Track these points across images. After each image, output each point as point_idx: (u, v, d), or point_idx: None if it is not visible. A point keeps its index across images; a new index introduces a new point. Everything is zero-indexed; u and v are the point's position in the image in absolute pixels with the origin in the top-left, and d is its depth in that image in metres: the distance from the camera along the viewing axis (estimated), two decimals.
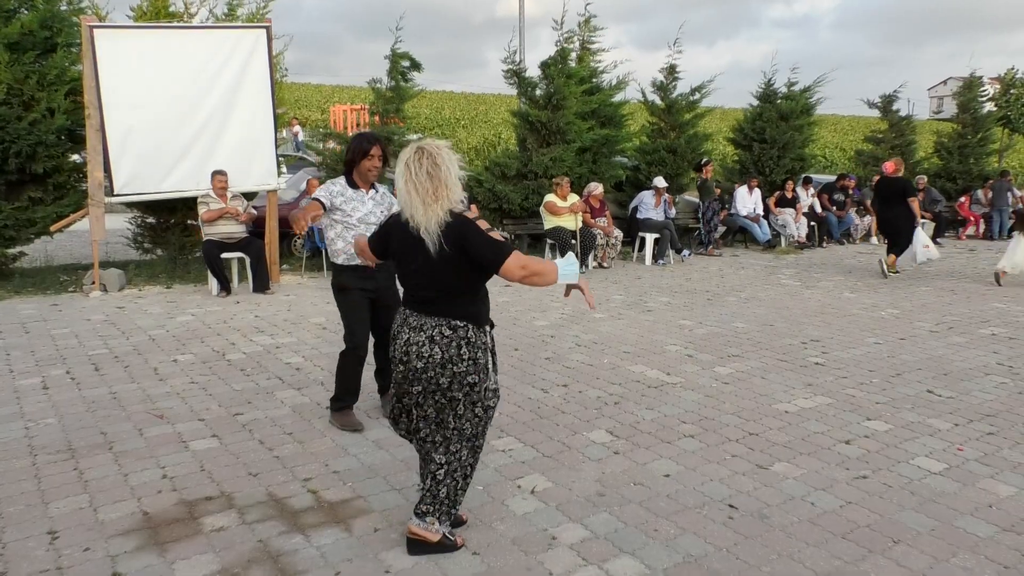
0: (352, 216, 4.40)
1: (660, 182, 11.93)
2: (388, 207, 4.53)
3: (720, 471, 4.03)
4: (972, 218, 15.73)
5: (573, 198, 11.01)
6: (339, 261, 4.47)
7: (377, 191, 4.55)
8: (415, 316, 3.04)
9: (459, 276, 2.98)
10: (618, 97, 13.46)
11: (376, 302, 4.52)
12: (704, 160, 13.10)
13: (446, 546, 3.14)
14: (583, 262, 10.81)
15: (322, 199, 4.33)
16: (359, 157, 4.39)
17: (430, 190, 2.86)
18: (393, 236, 3.10)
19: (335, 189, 4.40)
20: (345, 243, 4.39)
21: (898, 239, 10.40)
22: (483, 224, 3.02)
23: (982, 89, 17.38)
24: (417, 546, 3.13)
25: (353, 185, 4.46)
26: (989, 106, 18.25)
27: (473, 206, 11.25)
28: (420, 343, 3.00)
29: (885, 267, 10.55)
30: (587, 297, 3.09)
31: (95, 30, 8.35)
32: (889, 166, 10.54)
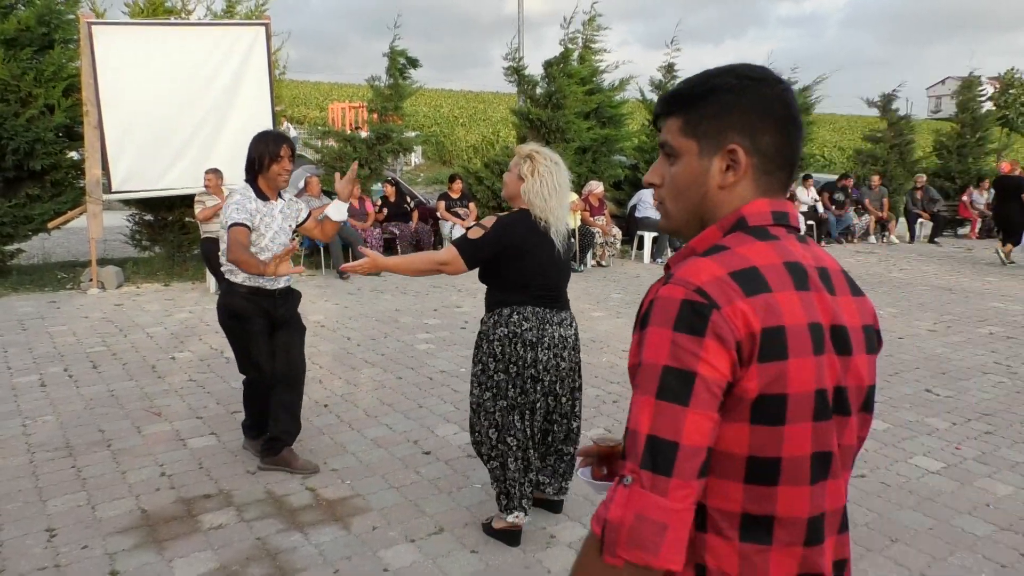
0: (265, 235, 3.72)
1: None
2: (296, 216, 3.94)
3: None
4: (971, 217, 15.73)
5: (572, 197, 10.99)
6: (238, 280, 3.74)
7: (283, 199, 3.88)
8: (553, 312, 3.23)
9: (568, 272, 3.37)
10: (618, 97, 13.45)
11: (273, 330, 3.88)
12: None
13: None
14: (581, 260, 10.82)
15: (246, 222, 3.60)
16: (268, 162, 3.68)
17: (564, 195, 3.18)
18: (520, 239, 3.15)
19: (252, 207, 3.66)
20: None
21: (1012, 231, 11.74)
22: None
23: (980, 89, 17.38)
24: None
25: (261, 196, 3.74)
26: (988, 106, 18.25)
27: (472, 204, 11.25)
28: (571, 337, 3.29)
29: (1002, 256, 11.72)
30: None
31: (93, 27, 8.34)
32: (1005, 166, 12.55)
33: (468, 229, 3.23)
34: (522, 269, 3.16)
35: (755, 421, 1.04)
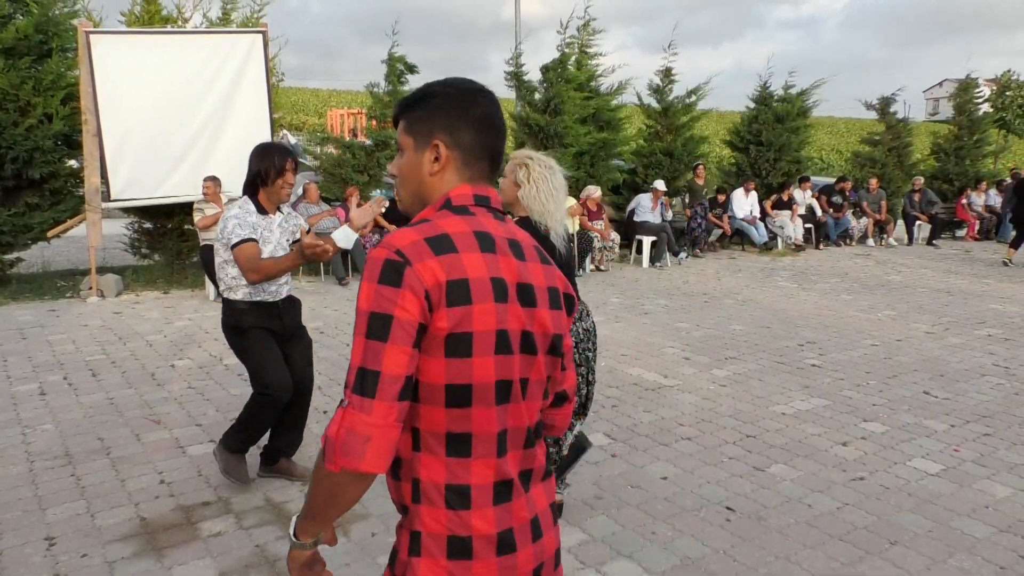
0: (264, 250, 3.60)
1: (660, 185, 11.94)
2: (293, 231, 3.82)
3: (717, 473, 4.04)
4: (968, 220, 15.75)
5: (570, 201, 11.03)
6: (237, 296, 3.63)
7: (281, 213, 3.77)
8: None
9: (572, 270, 3.47)
10: (616, 101, 13.48)
11: (279, 342, 3.78)
12: (695, 163, 13.14)
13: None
14: (580, 265, 10.82)
15: (252, 237, 3.52)
16: (273, 175, 3.57)
17: (561, 199, 3.24)
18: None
19: (252, 220, 3.55)
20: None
21: None
22: None
23: (977, 91, 17.42)
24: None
25: (260, 210, 3.62)
26: (986, 107, 18.28)
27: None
28: (592, 328, 3.42)
29: (1007, 258, 12.09)
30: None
31: (91, 35, 8.36)
32: None
33: None
34: None
35: (449, 355, 1.28)
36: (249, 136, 9.16)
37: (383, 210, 3.61)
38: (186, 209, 9.27)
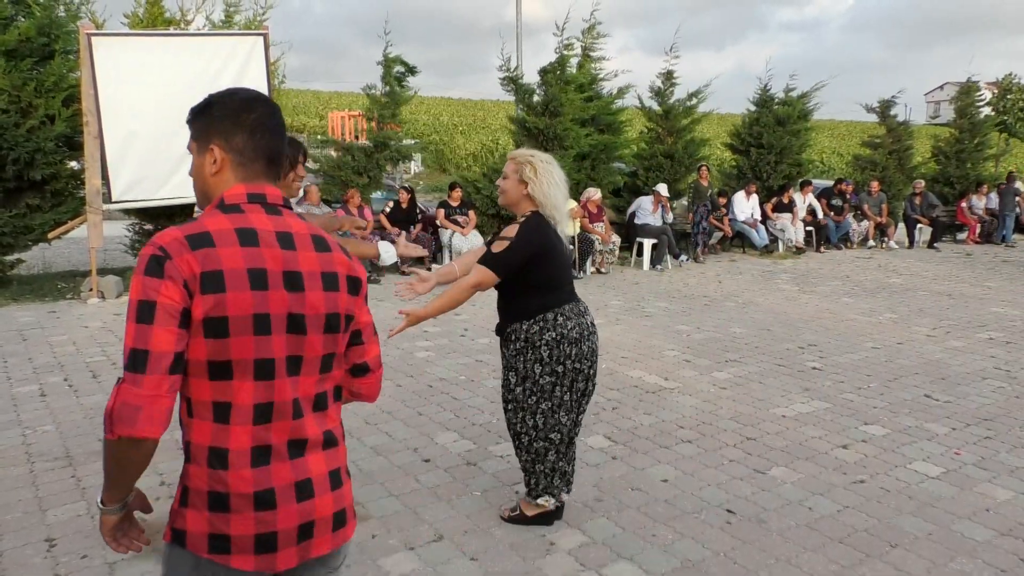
0: None
1: (663, 189, 11.94)
2: None
3: (718, 476, 4.03)
4: (969, 223, 15.75)
5: (571, 203, 11.02)
6: None
7: (291, 210, 3.77)
8: (578, 304, 3.36)
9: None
10: (617, 104, 13.48)
11: None
12: (700, 164, 13.15)
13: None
14: (581, 267, 10.83)
15: None
16: (286, 167, 3.22)
17: (565, 192, 3.30)
18: (547, 240, 3.26)
19: None
20: None
21: None
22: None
23: (979, 94, 17.42)
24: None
25: None
26: (987, 110, 18.29)
27: (471, 213, 11.27)
28: (592, 322, 3.40)
29: None
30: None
31: (93, 37, 8.37)
32: None
33: (489, 244, 3.28)
34: (553, 269, 3.28)
35: (207, 336, 1.46)
36: None
37: (425, 253, 3.58)
38: (187, 211, 9.28)
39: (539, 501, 3.39)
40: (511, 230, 3.23)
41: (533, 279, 3.24)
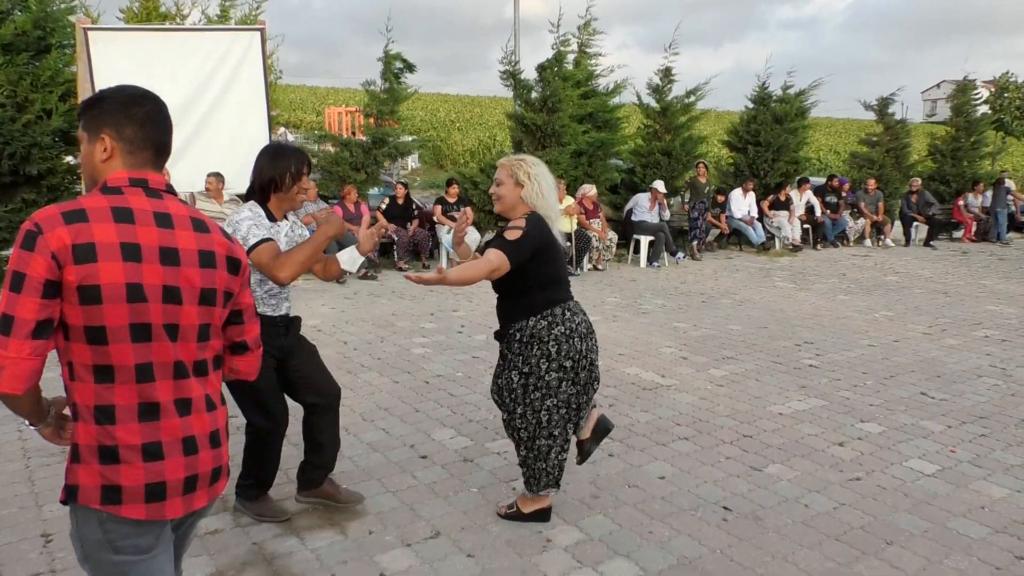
0: None
1: (660, 186, 11.94)
2: (299, 239, 3.43)
3: (714, 473, 4.04)
4: (965, 221, 15.78)
5: (568, 200, 11.03)
6: None
7: (288, 220, 3.43)
8: (575, 303, 3.40)
9: None
10: (614, 100, 13.48)
11: (283, 362, 3.38)
12: (698, 161, 13.15)
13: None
14: (578, 264, 10.83)
15: (271, 236, 3.17)
16: (289, 181, 3.22)
17: (556, 194, 3.36)
18: (548, 234, 3.30)
19: (265, 223, 3.21)
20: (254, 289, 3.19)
21: None
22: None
23: (975, 93, 17.45)
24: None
25: (269, 217, 3.25)
26: (984, 109, 18.32)
27: (468, 209, 11.26)
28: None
29: None
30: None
31: (89, 32, 8.35)
32: None
33: (504, 231, 3.27)
34: (557, 265, 3.33)
35: (82, 303, 1.62)
36: (246, 134, 9.19)
37: (385, 234, 3.47)
38: None
39: (541, 493, 3.42)
40: (519, 222, 3.24)
41: (538, 275, 3.25)
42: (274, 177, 3.22)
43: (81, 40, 8.30)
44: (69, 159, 9.66)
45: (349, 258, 3.39)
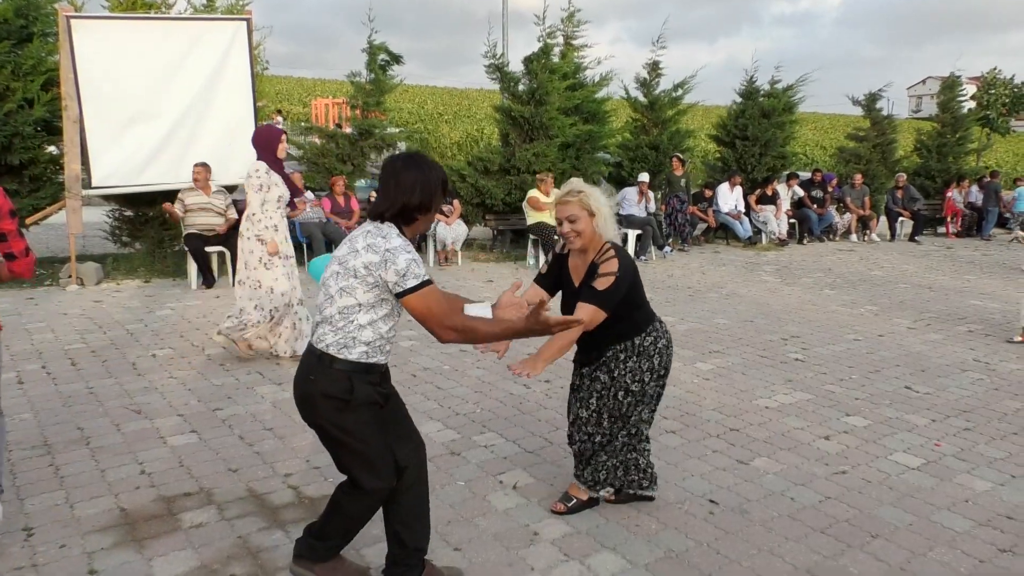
0: None
1: (644, 177, 11.94)
2: None
3: (701, 466, 4.05)
4: (957, 211, 15.85)
5: (556, 194, 10.99)
6: (351, 356, 2.59)
7: None
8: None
9: None
10: (601, 93, 13.46)
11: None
12: (671, 155, 13.07)
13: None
14: None
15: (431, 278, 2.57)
16: (435, 206, 2.68)
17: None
18: (634, 268, 3.31)
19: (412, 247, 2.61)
20: (380, 331, 2.63)
21: None
22: None
23: (961, 89, 17.56)
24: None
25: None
26: (971, 104, 18.45)
27: (456, 202, 11.22)
28: None
29: None
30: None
31: (72, 20, 8.23)
32: None
33: (600, 276, 3.16)
34: (641, 287, 3.38)
35: None
36: (232, 125, 9.12)
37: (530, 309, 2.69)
38: (168, 197, 9.17)
39: (603, 493, 3.51)
40: (610, 266, 3.17)
41: (636, 298, 3.31)
42: (422, 203, 2.61)
43: (64, 28, 8.19)
44: (51, 149, 9.55)
45: (480, 309, 2.79)
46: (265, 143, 5.59)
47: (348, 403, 2.60)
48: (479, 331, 2.61)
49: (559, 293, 3.46)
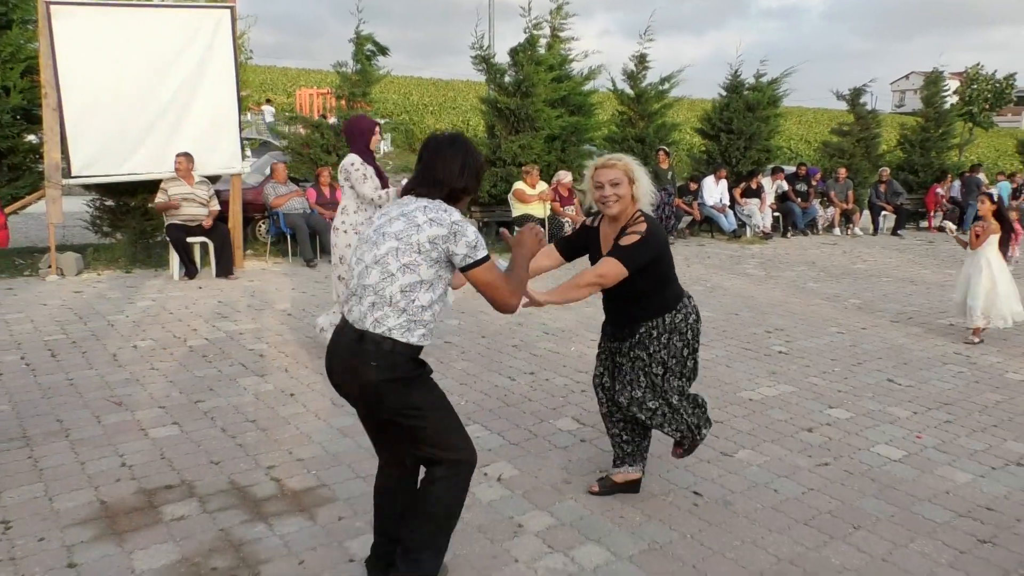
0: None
1: None
2: None
3: (685, 459, 4.05)
4: (941, 204, 15.96)
5: (542, 186, 10.99)
6: (413, 339, 2.54)
7: None
8: None
9: None
10: (588, 86, 13.43)
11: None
12: (657, 148, 13.07)
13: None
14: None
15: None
16: (476, 187, 2.69)
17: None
18: (665, 239, 3.37)
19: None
20: (436, 311, 2.59)
21: None
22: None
23: (944, 84, 17.68)
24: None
25: None
26: (954, 99, 18.60)
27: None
28: None
29: None
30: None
31: (52, 7, 8.10)
32: None
33: (628, 235, 3.23)
34: (672, 260, 3.42)
35: None
36: (216, 115, 9.03)
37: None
38: (150, 187, 9.08)
39: (632, 471, 3.60)
40: (639, 227, 3.22)
41: (665, 273, 3.34)
42: (478, 178, 2.66)
43: (43, 15, 8.06)
44: (31, 138, 9.42)
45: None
46: (359, 134, 5.50)
47: (413, 380, 2.56)
48: (524, 282, 2.67)
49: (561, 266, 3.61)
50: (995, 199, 6.79)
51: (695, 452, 4.12)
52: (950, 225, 7.27)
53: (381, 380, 2.49)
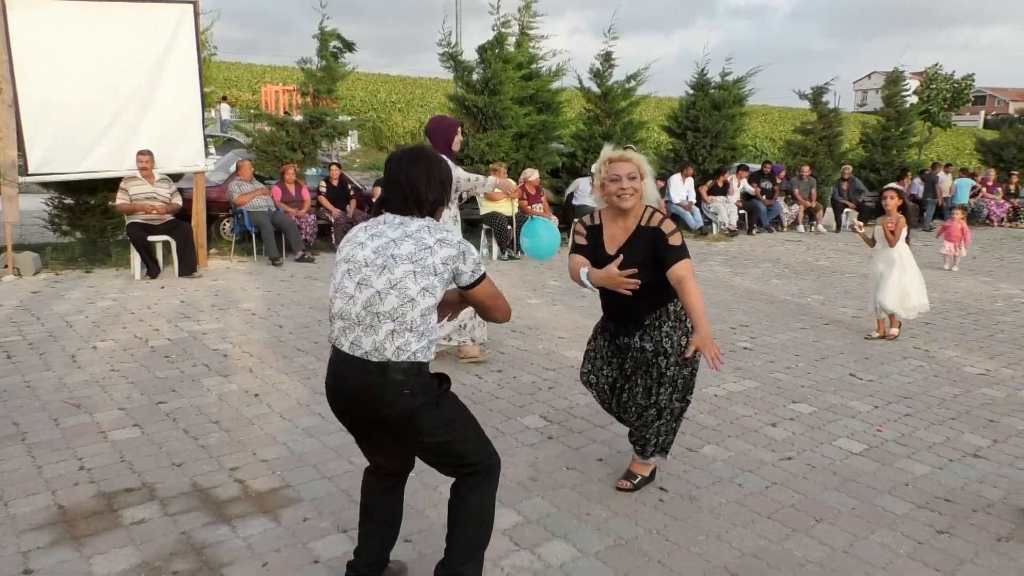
0: None
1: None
2: None
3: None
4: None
5: (510, 184, 10.97)
6: (431, 356, 2.51)
7: None
8: None
9: None
10: (556, 84, 13.46)
11: None
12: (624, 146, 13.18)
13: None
14: (518, 248, 10.81)
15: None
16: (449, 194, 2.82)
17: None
18: None
19: None
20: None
21: None
22: None
23: (904, 84, 18.00)
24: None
25: None
26: (913, 99, 18.96)
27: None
28: None
29: None
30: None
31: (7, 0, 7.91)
32: None
33: (670, 235, 3.43)
34: None
35: None
36: (178, 111, 8.88)
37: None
38: (110, 185, 8.91)
39: (651, 460, 3.65)
40: (669, 224, 3.48)
41: None
42: (448, 188, 2.65)
43: None
44: None
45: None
46: (442, 134, 5.43)
47: (441, 396, 2.53)
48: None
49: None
50: (901, 193, 7.07)
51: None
52: (857, 222, 7.41)
53: (418, 406, 2.43)
